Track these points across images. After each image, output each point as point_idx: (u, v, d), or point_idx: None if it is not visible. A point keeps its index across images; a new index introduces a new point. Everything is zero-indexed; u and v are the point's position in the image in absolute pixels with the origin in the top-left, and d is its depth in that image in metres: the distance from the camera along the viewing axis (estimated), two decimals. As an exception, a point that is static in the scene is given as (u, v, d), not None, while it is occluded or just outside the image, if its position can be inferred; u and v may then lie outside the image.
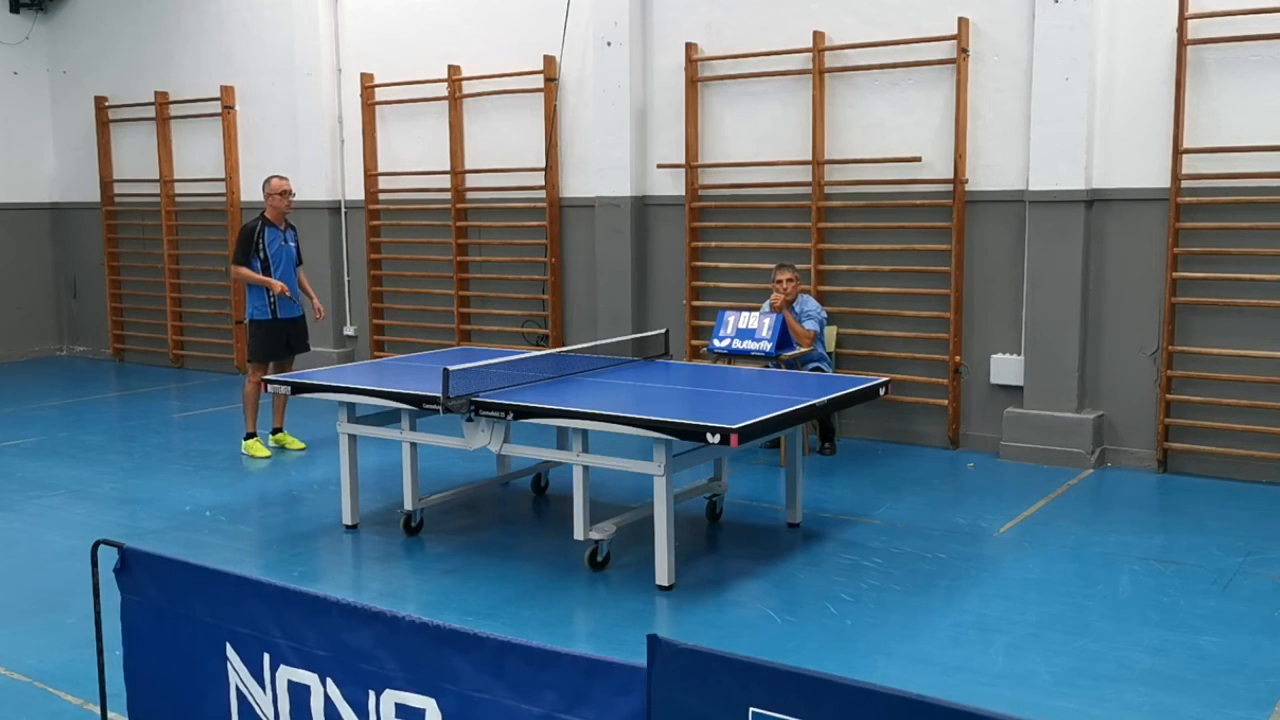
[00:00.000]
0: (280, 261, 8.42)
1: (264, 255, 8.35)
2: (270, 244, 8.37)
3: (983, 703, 2.40)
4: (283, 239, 8.46)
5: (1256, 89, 7.35)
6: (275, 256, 8.39)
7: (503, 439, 5.90)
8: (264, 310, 8.37)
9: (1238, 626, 5.03)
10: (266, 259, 8.36)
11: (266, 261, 8.36)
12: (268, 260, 8.36)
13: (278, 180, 8.50)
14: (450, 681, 2.86)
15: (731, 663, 2.49)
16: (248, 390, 8.46)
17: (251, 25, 12.07)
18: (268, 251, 8.36)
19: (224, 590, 3.31)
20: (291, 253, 8.53)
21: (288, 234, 8.53)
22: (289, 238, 8.53)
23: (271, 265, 8.37)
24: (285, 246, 8.47)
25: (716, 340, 8.31)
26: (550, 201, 10.29)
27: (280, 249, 8.43)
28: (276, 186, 8.45)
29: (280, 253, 8.43)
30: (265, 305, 8.37)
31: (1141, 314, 7.86)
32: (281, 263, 8.42)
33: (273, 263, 8.38)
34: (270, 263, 8.37)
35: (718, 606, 5.39)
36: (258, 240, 8.34)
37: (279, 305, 8.37)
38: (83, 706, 4.37)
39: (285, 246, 8.47)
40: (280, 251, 8.43)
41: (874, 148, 8.66)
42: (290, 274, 8.49)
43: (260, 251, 8.34)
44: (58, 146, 13.95)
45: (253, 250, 8.33)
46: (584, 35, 9.98)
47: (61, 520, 6.96)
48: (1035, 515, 6.79)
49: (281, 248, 8.44)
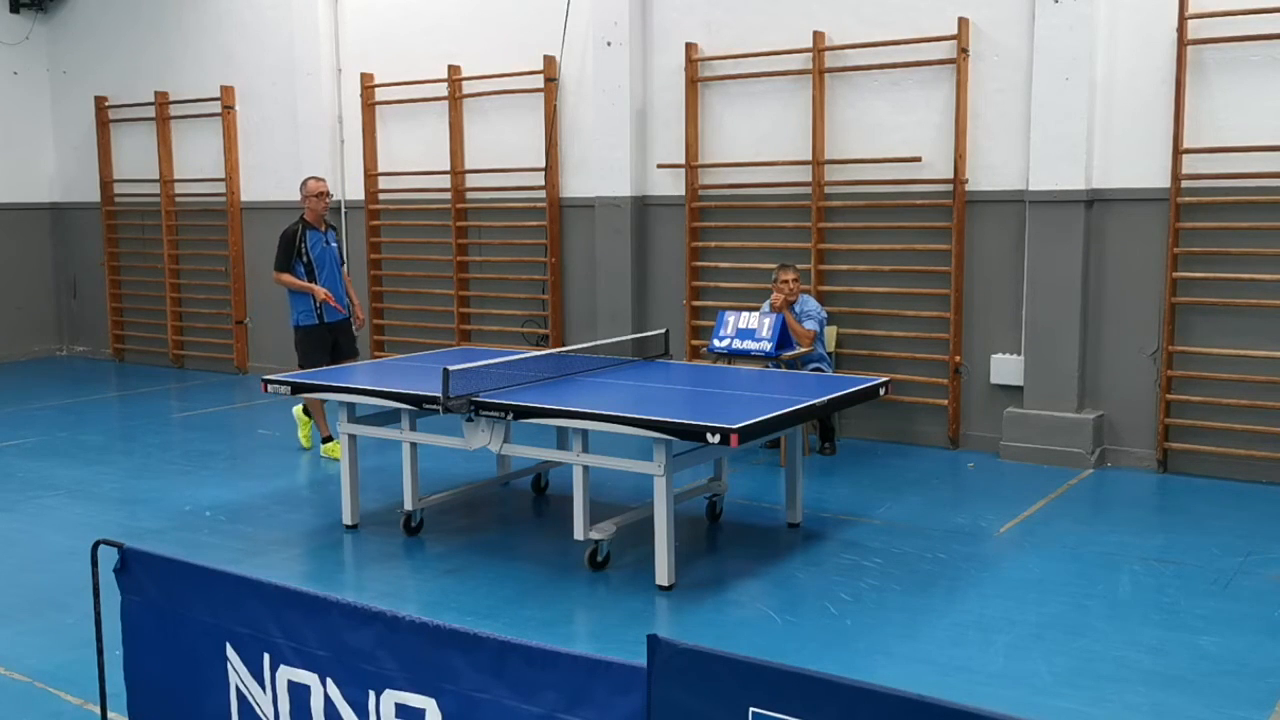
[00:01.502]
0: (325, 264, 8.20)
1: (308, 259, 8.12)
2: (313, 247, 8.15)
3: (983, 703, 2.40)
4: (324, 240, 8.24)
5: (1256, 89, 7.35)
6: (319, 259, 8.17)
7: (503, 439, 5.90)
8: (310, 315, 8.17)
9: (1238, 626, 5.03)
10: (310, 262, 8.13)
11: (311, 265, 8.13)
12: (312, 264, 8.13)
13: (314, 182, 8.28)
14: (450, 681, 2.86)
15: (731, 663, 2.49)
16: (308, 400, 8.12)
17: (251, 25, 12.08)
18: (311, 255, 8.13)
19: (224, 590, 3.31)
20: (335, 253, 8.32)
21: (328, 234, 8.31)
22: (330, 238, 8.31)
23: (316, 268, 8.15)
24: (328, 248, 8.26)
25: (716, 340, 8.31)
26: (550, 201, 10.29)
27: (323, 251, 8.21)
28: (313, 188, 8.23)
29: (324, 255, 8.21)
30: (311, 310, 8.16)
31: (1141, 314, 7.86)
32: (326, 265, 8.21)
33: (317, 266, 8.15)
34: (315, 266, 8.14)
35: (718, 606, 5.39)
36: (300, 244, 8.12)
37: (325, 308, 8.17)
38: (83, 706, 4.37)
39: (328, 248, 8.26)
40: (324, 254, 8.21)
41: (874, 148, 8.66)
42: (335, 276, 8.28)
43: (304, 255, 8.11)
44: (58, 146, 13.95)
45: (295, 255, 8.11)
46: (584, 35, 9.98)
47: (61, 520, 6.97)
48: (1035, 515, 6.79)
49: (325, 250, 8.22)
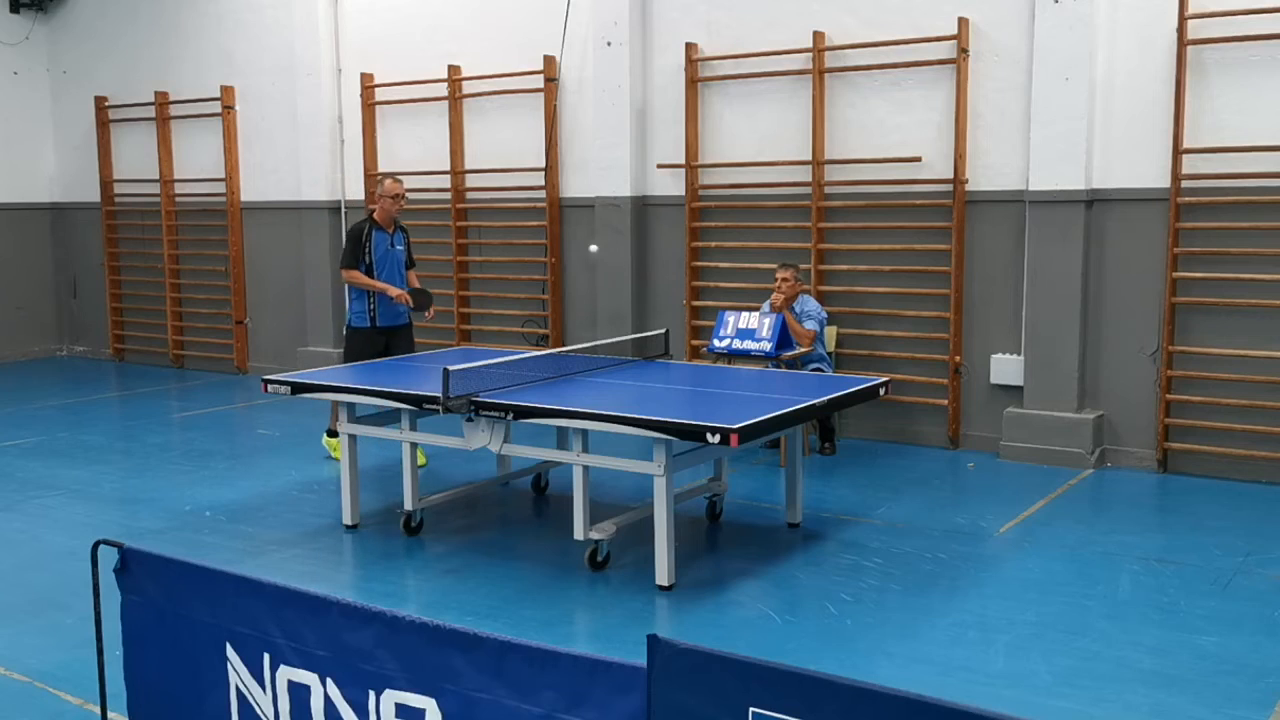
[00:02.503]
0: (385, 266, 7.93)
1: (369, 260, 7.87)
2: (376, 247, 7.90)
3: (983, 703, 2.39)
4: (389, 242, 7.97)
5: (1256, 89, 7.35)
6: (380, 261, 7.91)
7: (503, 439, 5.90)
8: (364, 317, 7.91)
9: (1238, 626, 5.03)
10: (371, 263, 7.88)
11: (371, 266, 7.88)
12: (371, 265, 7.88)
13: (392, 182, 7.98)
14: (450, 681, 2.86)
15: (731, 663, 2.49)
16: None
17: (251, 25, 12.07)
18: (373, 256, 7.88)
19: (224, 590, 3.31)
20: (399, 256, 8.04)
21: (395, 236, 8.02)
22: (397, 240, 8.03)
23: (376, 270, 7.89)
24: (392, 250, 7.98)
25: (716, 340, 8.31)
26: (550, 201, 10.29)
27: (386, 253, 7.94)
28: (390, 189, 7.93)
29: (386, 257, 7.94)
30: (365, 312, 7.90)
31: (1141, 314, 7.86)
32: (386, 267, 7.94)
33: (378, 267, 7.90)
34: (375, 267, 7.89)
35: (718, 606, 5.39)
36: (365, 243, 7.89)
37: (379, 311, 7.89)
38: (83, 706, 4.37)
39: (392, 250, 7.98)
40: (386, 256, 7.94)
41: (874, 148, 8.66)
42: (396, 279, 7.99)
43: (366, 256, 7.87)
44: (58, 146, 13.95)
45: (360, 254, 7.88)
46: (584, 35, 9.98)
47: (61, 520, 6.96)
48: (1035, 515, 6.79)
49: (388, 251, 7.95)
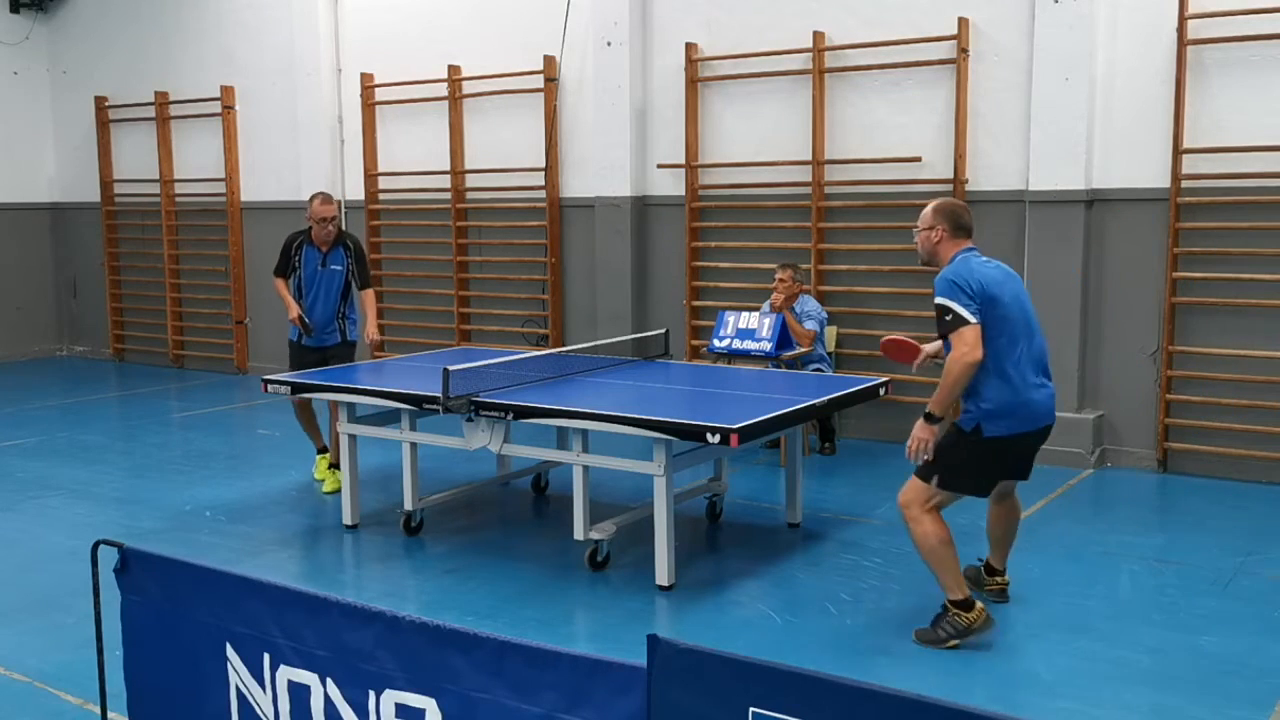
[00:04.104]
0: (313, 285, 7.40)
1: (299, 274, 7.42)
2: (305, 264, 7.39)
3: (983, 703, 2.40)
4: (320, 261, 7.37)
5: (1256, 89, 7.35)
6: (308, 280, 7.40)
7: (503, 439, 5.90)
8: (293, 330, 7.50)
9: (1238, 626, 5.03)
10: (301, 281, 7.43)
11: (301, 283, 7.43)
12: (301, 283, 7.43)
13: (318, 203, 7.31)
14: (450, 681, 2.86)
15: (731, 663, 2.49)
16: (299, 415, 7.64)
17: (251, 25, 12.08)
18: (302, 272, 7.41)
19: (224, 590, 3.31)
20: (334, 276, 7.41)
21: (332, 255, 7.39)
22: (333, 259, 7.39)
23: (304, 288, 7.43)
24: (324, 270, 7.38)
25: (716, 340, 8.31)
26: (550, 201, 10.29)
27: (316, 273, 7.38)
28: (315, 211, 7.30)
29: (315, 277, 7.39)
30: (294, 326, 7.47)
31: (1141, 314, 7.86)
32: (314, 286, 7.40)
33: (305, 285, 7.42)
34: (303, 286, 7.43)
35: (718, 606, 5.39)
36: (294, 255, 7.41)
37: (303, 331, 7.44)
38: (83, 706, 4.37)
39: (324, 270, 7.38)
40: (315, 276, 7.38)
41: (874, 148, 8.66)
42: (325, 301, 7.43)
43: (296, 269, 7.42)
44: (58, 146, 13.95)
45: (289, 265, 7.43)
46: (584, 35, 9.97)
47: (61, 520, 6.96)
48: (1035, 515, 6.79)
49: (318, 271, 7.38)
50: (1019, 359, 4.70)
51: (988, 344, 4.60)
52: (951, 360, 4.57)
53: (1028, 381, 4.71)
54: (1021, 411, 4.71)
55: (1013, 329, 4.68)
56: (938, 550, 4.76)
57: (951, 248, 4.85)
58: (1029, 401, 4.72)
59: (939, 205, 4.94)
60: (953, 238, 4.86)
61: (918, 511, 4.79)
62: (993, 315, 4.63)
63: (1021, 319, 4.74)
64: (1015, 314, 4.71)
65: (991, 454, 4.76)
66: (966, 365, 4.53)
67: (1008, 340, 4.66)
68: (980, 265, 4.76)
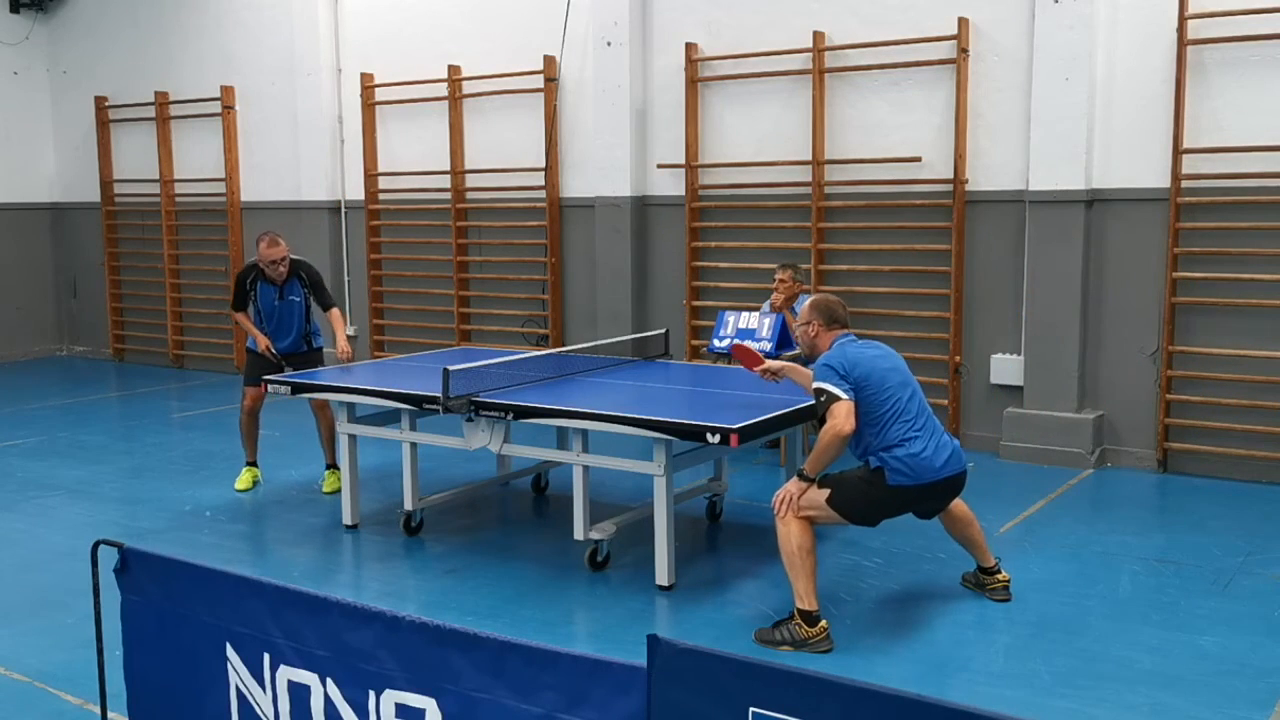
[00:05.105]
0: (274, 317, 7.38)
1: (257, 306, 7.42)
2: (261, 298, 7.38)
3: (983, 703, 2.40)
4: (277, 294, 7.34)
5: (1256, 89, 7.35)
6: (267, 313, 7.39)
7: (503, 439, 5.90)
8: (253, 343, 7.43)
9: (1238, 626, 5.03)
10: (260, 311, 7.42)
11: (260, 314, 7.42)
12: (260, 313, 7.42)
13: (265, 246, 7.22)
14: (450, 681, 2.86)
15: (731, 663, 2.49)
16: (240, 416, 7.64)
17: (251, 25, 12.08)
18: (260, 303, 7.40)
19: (224, 590, 3.31)
20: (294, 306, 7.40)
21: (287, 288, 7.35)
22: (290, 292, 7.36)
23: (264, 319, 7.41)
24: (283, 301, 7.36)
25: (716, 340, 8.30)
26: (550, 201, 10.29)
27: (274, 305, 7.36)
28: (263, 255, 7.21)
29: (274, 309, 7.37)
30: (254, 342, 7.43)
31: (1141, 314, 7.86)
32: (275, 317, 7.38)
33: (265, 318, 7.40)
34: (263, 317, 7.41)
35: (718, 606, 5.39)
36: (250, 291, 7.39)
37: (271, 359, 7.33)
38: (83, 706, 4.37)
39: (283, 301, 7.36)
40: (273, 309, 7.37)
41: (874, 148, 8.66)
42: (286, 328, 7.41)
43: (254, 301, 7.41)
44: (58, 146, 13.95)
45: (245, 299, 7.43)
46: (584, 35, 9.98)
47: (61, 520, 6.97)
48: (1035, 515, 6.79)
49: (276, 304, 7.36)
50: (912, 418, 4.96)
51: (874, 411, 4.90)
52: (824, 431, 4.85)
53: (920, 439, 4.94)
54: (920, 466, 4.92)
55: (896, 394, 4.97)
56: (796, 556, 4.92)
57: (828, 338, 5.18)
58: (924, 456, 4.93)
59: (813, 302, 5.32)
60: (828, 329, 5.20)
61: (791, 513, 4.93)
62: (875, 386, 4.92)
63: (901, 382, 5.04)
64: (894, 381, 5.00)
65: (890, 497, 4.97)
66: (836, 436, 4.81)
67: (892, 409, 4.93)
68: (854, 348, 5.08)
